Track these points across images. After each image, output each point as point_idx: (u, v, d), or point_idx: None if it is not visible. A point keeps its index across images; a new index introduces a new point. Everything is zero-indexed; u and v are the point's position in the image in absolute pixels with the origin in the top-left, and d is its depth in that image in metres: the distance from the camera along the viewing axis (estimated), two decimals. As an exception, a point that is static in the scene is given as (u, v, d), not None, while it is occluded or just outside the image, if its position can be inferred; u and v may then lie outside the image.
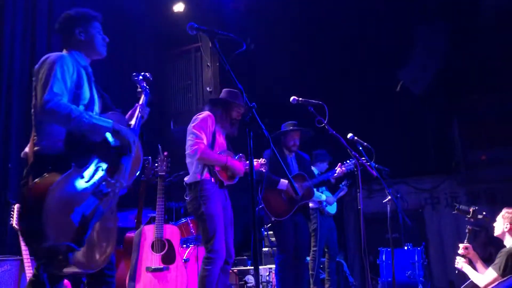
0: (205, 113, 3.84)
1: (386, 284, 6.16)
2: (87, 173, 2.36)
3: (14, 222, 3.60)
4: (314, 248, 6.01)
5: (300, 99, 3.92)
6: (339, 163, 5.26)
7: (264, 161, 3.86)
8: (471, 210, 4.07)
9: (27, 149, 2.49)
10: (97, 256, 2.39)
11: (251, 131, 2.50)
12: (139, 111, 2.81)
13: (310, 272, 6.00)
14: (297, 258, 5.12)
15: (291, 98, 3.93)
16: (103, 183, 2.41)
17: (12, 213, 3.63)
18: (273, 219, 4.78)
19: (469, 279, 3.90)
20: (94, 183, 2.38)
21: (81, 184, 2.31)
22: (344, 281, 7.21)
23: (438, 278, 7.67)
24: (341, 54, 7.83)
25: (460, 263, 3.91)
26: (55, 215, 2.17)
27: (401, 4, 7.23)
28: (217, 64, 7.38)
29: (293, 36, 7.70)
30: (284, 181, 4.69)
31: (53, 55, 2.54)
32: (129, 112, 2.91)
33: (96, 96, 2.71)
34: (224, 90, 4.09)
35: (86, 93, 2.60)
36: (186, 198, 3.76)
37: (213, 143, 3.77)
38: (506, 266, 3.57)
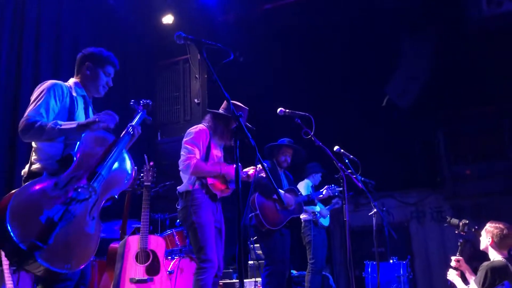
0: (199, 126, 3.84)
1: (372, 298, 6.15)
2: (62, 180, 2.50)
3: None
4: (311, 261, 6.00)
5: (287, 110, 3.95)
6: (326, 186, 5.41)
7: (260, 168, 3.85)
8: (460, 223, 4.10)
9: (26, 169, 2.69)
10: (73, 258, 2.46)
11: (237, 140, 2.51)
12: (128, 129, 2.89)
13: (306, 284, 5.99)
14: (284, 269, 5.13)
15: (278, 110, 3.95)
16: (78, 190, 2.52)
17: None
18: (264, 229, 4.76)
19: None
20: (67, 189, 2.50)
21: (52, 189, 2.45)
22: (329, 294, 7.19)
23: (423, 292, 7.68)
24: (327, 67, 7.91)
25: (452, 275, 3.92)
26: (19, 214, 2.30)
27: (386, 18, 7.34)
28: (205, 76, 7.40)
29: (280, 49, 7.76)
30: (281, 191, 4.73)
31: (44, 83, 2.76)
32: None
33: None
34: (225, 103, 4.05)
35: (81, 118, 2.83)
36: (177, 207, 3.76)
37: (207, 156, 3.78)
38: (485, 280, 3.58)
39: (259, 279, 5.68)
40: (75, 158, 2.58)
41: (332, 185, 5.38)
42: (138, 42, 7.37)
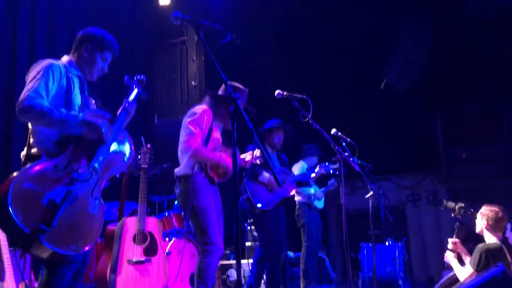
0: (203, 107, 3.76)
1: (367, 279, 6.23)
2: (61, 162, 2.48)
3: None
4: (306, 244, 6.05)
5: (285, 93, 3.93)
6: (319, 164, 5.37)
7: (259, 153, 3.83)
8: (456, 207, 4.14)
9: (24, 152, 2.64)
10: (78, 239, 2.47)
11: (235, 123, 2.50)
12: (125, 105, 2.84)
13: (301, 266, 6.05)
14: (280, 251, 5.18)
15: (276, 92, 3.94)
16: (79, 171, 2.50)
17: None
18: (257, 210, 4.78)
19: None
20: (68, 171, 2.48)
21: (52, 172, 2.43)
22: (325, 276, 7.28)
23: (418, 273, 7.78)
24: (326, 50, 7.87)
25: (449, 257, 3.97)
26: (21, 198, 2.29)
27: (385, 1, 7.29)
28: (203, 58, 7.36)
29: (278, 31, 7.71)
30: (266, 174, 4.70)
31: (40, 62, 2.68)
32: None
33: (89, 102, 2.86)
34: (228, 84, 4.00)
35: (77, 100, 2.76)
36: (175, 190, 3.72)
37: (208, 138, 3.72)
38: (480, 262, 3.63)
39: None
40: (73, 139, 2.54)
41: (326, 163, 5.33)
42: (134, 24, 7.30)
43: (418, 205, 8.29)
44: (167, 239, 4.61)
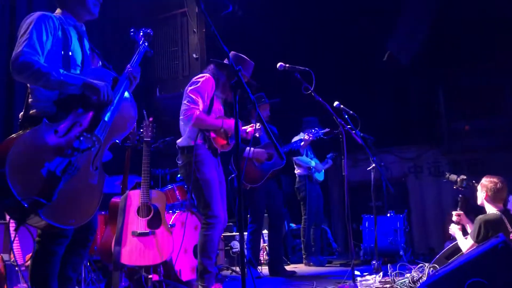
0: (206, 76, 3.67)
1: (369, 250, 6.31)
2: (62, 127, 2.31)
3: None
4: (305, 216, 6.12)
5: (287, 65, 3.90)
6: (307, 131, 5.32)
7: (259, 126, 3.80)
8: (458, 179, 4.15)
9: (22, 113, 2.47)
10: (78, 212, 2.35)
11: (236, 95, 2.49)
12: (128, 71, 2.69)
13: (302, 238, 6.15)
14: (272, 226, 5.25)
15: (278, 64, 3.90)
16: (81, 138, 2.33)
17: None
18: (248, 187, 4.84)
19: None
20: (69, 137, 2.31)
21: (52, 138, 2.25)
22: (327, 247, 7.38)
23: (419, 244, 7.87)
24: (328, 22, 7.77)
25: (453, 229, 4.00)
26: (20, 167, 2.11)
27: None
28: (204, 30, 7.26)
29: (280, 3, 7.58)
30: (249, 149, 4.65)
31: (32, 14, 2.45)
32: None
33: (89, 55, 2.63)
34: (232, 53, 3.86)
35: (77, 54, 2.53)
36: (178, 162, 3.69)
37: (210, 108, 3.65)
38: (479, 233, 3.66)
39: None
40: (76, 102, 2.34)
41: (314, 129, 5.25)
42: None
43: (420, 177, 8.32)
44: (170, 211, 4.65)
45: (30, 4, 5.20)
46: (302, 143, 5.23)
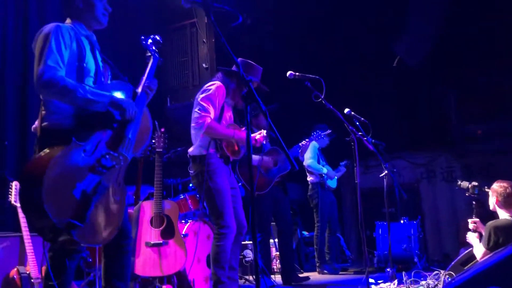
0: (216, 83, 3.64)
1: (382, 257, 6.26)
2: (89, 147, 2.30)
3: (12, 199, 3.61)
4: (318, 224, 6.10)
5: (297, 74, 3.90)
6: (305, 137, 5.26)
7: (266, 133, 3.80)
8: (469, 186, 4.09)
9: (36, 123, 2.46)
10: (105, 230, 2.36)
11: (248, 106, 2.49)
12: (146, 81, 2.69)
13: (315, 246, 6.11)
14: (280, 233, 5.24)
15: (288, 73, 3.91)
16: (106, 156, 2.33)
17: (10, 190, 3.64)
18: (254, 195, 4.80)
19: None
20: (96, 157, 2.31)
21: (82, 158, 2.25)
22: (341, 254, 7.33)
23: (433, 251, 7.78)
24: (337, 28, 7.77)
25: (471, 237, 3.93)
26: (55, 190, 2.11)
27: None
28: (213, 40, 7.30)
29: (288, 10, 7.61)
30: (255, 157, 4.63)
31: (47, 26, 2.45)
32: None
33: (101, 66, 2.64)
34: (239, 60, 3.84)
35: (91, 65, 2.53)
36: (190, 171, 3.67)
37: (220, 116, 3.63)
38: (490, 240, 3.59)
39: (270, 241, 5.79)
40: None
41: (317, 131, 5.15)
42: (142, 7, 7.25)
43: (433, 182, 8.25)
44: (183, 221, 4.66)
45: (42, 13, 5.30)
46: (300, 150, 5.19)
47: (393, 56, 7.88)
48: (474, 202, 4.03)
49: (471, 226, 3.95)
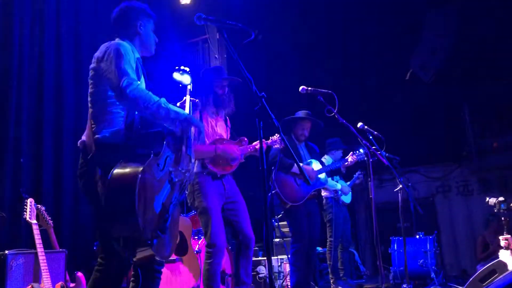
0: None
1: (398, 273, 6.15)
2: (161, 161, 2.35)
3: (27, 216, 3.63)
4: (331, 239, 6.01)
5: (309, 88, 3.90)
6: (351, 152, 5.21)
7: (278, 136, 3.78)
8: (495, 202, 3.99)
9: (84, 138, 2.49)
10: (169, 244, 2.41)
11: (261, 121, 2.48)
12: (190, 103, 2.85)
13: (328, 262, 6.00)
14: (309, 248, 5.10)
15: (300, 88, 3.91)
16: (173, 171, 2.42)
17: (26, 207, 3.65)
18: (288, 204, 4.68)
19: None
20: (166, 171, 2.37)
21: (157, 173, 2.31)
22: (355, 270, 7.22)
23: (450, 266, 7.65)
24: (350, 42, 7.79)
25: (503, 255, 3.81)
26: (142, 203, 2.16)
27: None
28: (225, 56, 7.36)
29: (301, 25, 7.65)
30: (301, 164, 4.63)
31: (115, 43, 2.53)
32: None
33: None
34: (208, 69, 3.92)
35: (143, 85, 2.57)
36: (185, 191, 3.73)
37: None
38: None
39: (284, 257, 5.73)
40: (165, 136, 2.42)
41: (357, 150, 5.10)
42: (156, 24, 7.35)
43: (449, 196, 8.13)
44: (196, 237, 4.64)
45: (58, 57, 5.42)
46: (347, 163, 5.13)
47: (407, 70, 7.86)
48: (502, 218, 3.92)
49: (502, 243, 3.84)
